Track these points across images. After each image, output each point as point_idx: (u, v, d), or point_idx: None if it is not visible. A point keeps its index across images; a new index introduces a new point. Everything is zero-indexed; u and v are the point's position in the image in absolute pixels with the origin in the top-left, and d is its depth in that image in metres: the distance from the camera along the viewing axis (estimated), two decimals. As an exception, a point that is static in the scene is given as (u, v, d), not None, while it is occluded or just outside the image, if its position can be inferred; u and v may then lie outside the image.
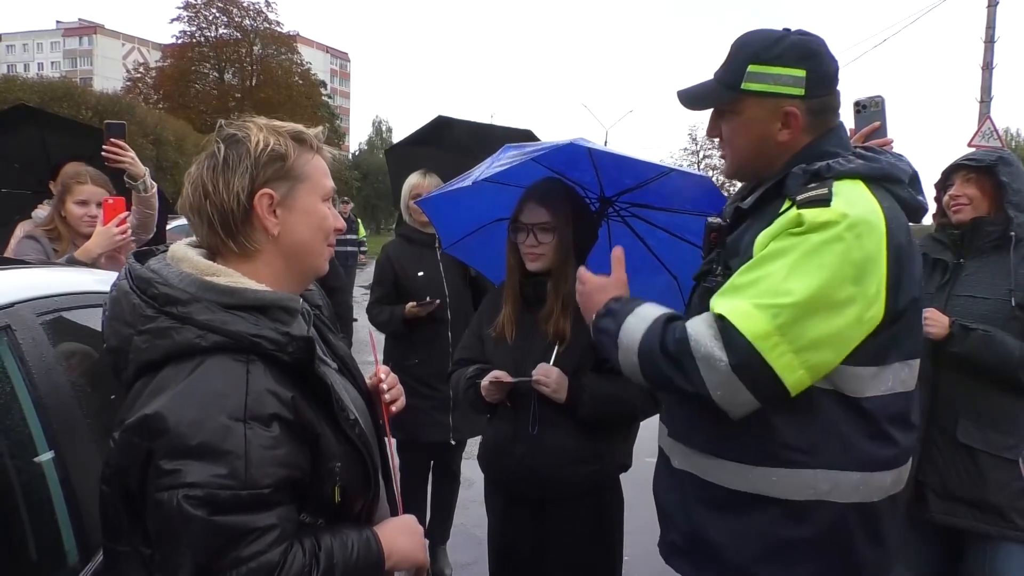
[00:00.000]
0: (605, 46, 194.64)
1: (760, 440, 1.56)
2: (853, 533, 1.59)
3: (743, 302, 1.47)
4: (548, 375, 2.28)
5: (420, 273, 3.63)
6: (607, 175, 2.52)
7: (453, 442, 3.66)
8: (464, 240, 2.98)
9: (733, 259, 1.61)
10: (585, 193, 2.57)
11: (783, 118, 1.63)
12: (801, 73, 1.62)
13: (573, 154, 2.35)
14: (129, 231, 2.80)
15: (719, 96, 1.65)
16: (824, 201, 1.49)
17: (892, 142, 2.15)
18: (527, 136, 4.02)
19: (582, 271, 1.91)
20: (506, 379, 2.30)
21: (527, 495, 2.43)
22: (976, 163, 2.49)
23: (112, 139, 2.92)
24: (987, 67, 14.62)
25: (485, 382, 2.33)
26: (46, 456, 1.48)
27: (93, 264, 2.67)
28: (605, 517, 2.46)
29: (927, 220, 2.95)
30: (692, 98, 1.72)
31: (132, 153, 2.95)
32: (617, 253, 1.90)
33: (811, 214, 1.48)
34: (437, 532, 3.85)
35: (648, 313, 1.65)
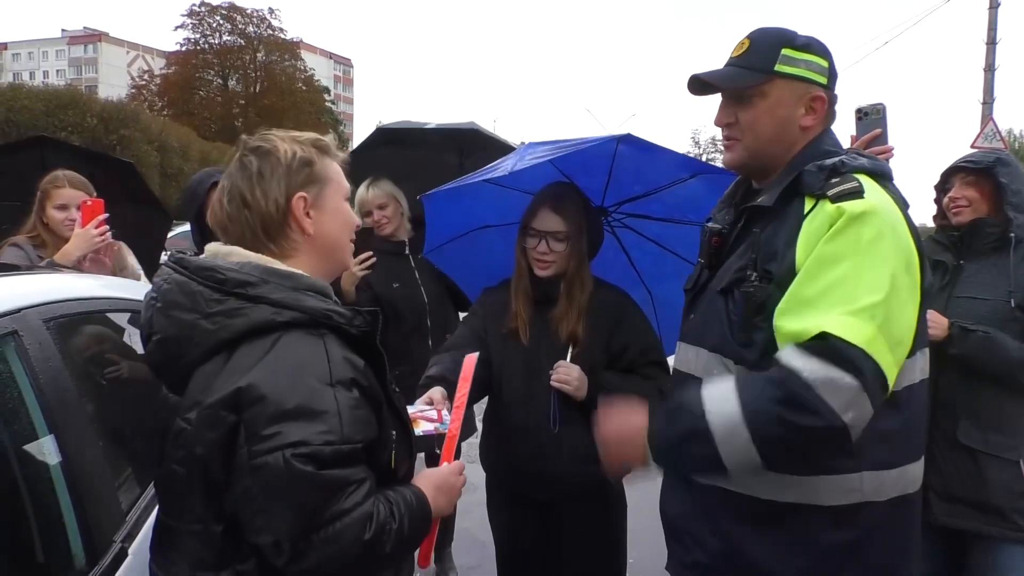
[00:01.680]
0: (607, 50, 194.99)
1: None
2: (893, 528, 1.60)
3: (831, 316, 1.42)
4: (570, 373, 2.27)
5: (395, 284, 3.44)
6: (618, 181, 2.49)
7: (438, 451, 3.59)
8: (445, 246, 2.90)
9: (771, 263, 1.57)
10: None
11: (808, 103, 1.66)
12: (825, 64, 1.68)
13: (597, 155, 2.32)
14: (108, 233, 2.76)
15: (751, 78, 1.65)
16: (858, 193, 1.52)
17: (892, 149, 2.16)
18: (472, 132, 3.90)
19: (594, 419, 1.65)
20: (427, 417, 2.03)
21: (535, 496, 2.42)
22: (974, 165, 2.50)
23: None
24: (989, 69, 14.63)
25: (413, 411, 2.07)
26: (53, 460, 1.50)
27: (76, 267, 2.66)
28: (612, 518, 2.46)
29: (928, 222, 2.97)
30: (721, 78, 1.68)
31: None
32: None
33: (850, 206, 1.49)
34: (440, 536, 3.84)
35: (719, 389, 1.49)
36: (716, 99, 1.76)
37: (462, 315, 3.73)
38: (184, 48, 47.74)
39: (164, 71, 51.02)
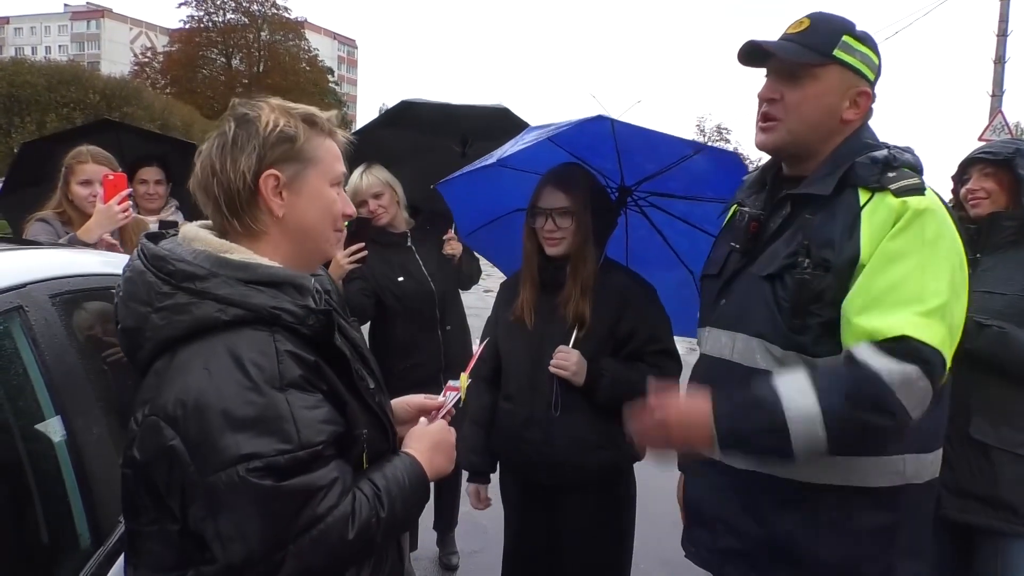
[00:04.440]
0: (614, 35, 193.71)
1: None
2: (927, 511, 1.65)
3: (905, 315, 1.45)
4: (568, 357, 2.27)
5: (400, 278, 3.33)
6: (629, 161, 2.49)
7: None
8: (480, 231, 2.93)
9: (825, 250, 1.57)
10: (605, 182, 2.55)
11: (854, 96, 1.66)
12: (877, 60, 1.69)
13: (596, 136, 2.31)
14: (131, 209, 2.75)
15: (810, 56, 1.63)
16: (920, 189, 1.54)
17: None
18: (503, 114, 3.75)
19: (652, 401, 1.59)
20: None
21: (543, 482, 2.42)
22: (993, 156, 2.45)
23: None
24: (999, 61, 14.49)
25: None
26: (58, 438, 1.48)
27: (103, 245, 2.65)
28: (619, 505, 2.45)
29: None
30: (782, 49, 1.66)
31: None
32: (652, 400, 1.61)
33: (914, 202, 1.52)
34: (444, 520, 3.85)
35: (795, 384, 1.49)
36: (722, 90, 1.74)
37: (463, 296, 3.72)
38: (188, 26, 47.47)
39: (167, 48, 50.77)
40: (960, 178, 2.58)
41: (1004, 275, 2.38)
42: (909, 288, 1.47)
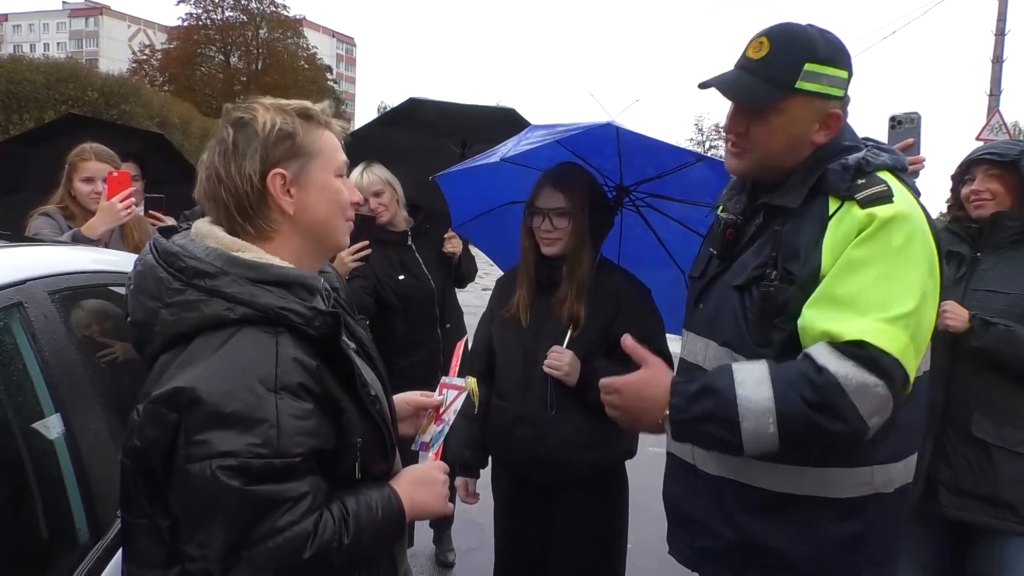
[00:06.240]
0: (613, 35, 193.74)
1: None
2: (897, 518, 1.64)
3: (867, 321, 1.42)
4: (561, 358, 2.27)
5: (401, 276, 3.36)
6: (630, 163, 2.49)
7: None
8: (474, 221, 2.94)
9: (792, 263, 1.54)
10: (603, 181, 2.55)
11: (823, 119, 1.59)
12: (845, 75, 1.60)
13: (600, 138, 2.31)
14: (135, 207, 2.77)
15: (770, 95, 1.57)
16: (887, 197, 1.49)
17: (924, 160, 2.12)
18: (509, 116, 3.73)
19: (604, 382, 1.67)
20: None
21: (533, 479, 2.42)
22: (999, 158, 2.42)
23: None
24: (997, 60, 14.52)
25: None
26: (56, 433, 1.48)
27: (104, 241, 2.65)
28: (611, 504, 2.46)
29: (934, 212, 2.92)
30: (738, 91, 1.60)
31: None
32: (628, 342, 1.68)
33: (880, 211, 1.47)
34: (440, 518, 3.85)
35: (755, 374, 1.49)
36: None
37: (460, 295, 3.73)
38: (186, 23, 47.39)
39: (165, 46, 50.66)
40: (961, 177, 2.55)
41: (1005, 275, 2.38)
42: (873, 295, 1.44)
